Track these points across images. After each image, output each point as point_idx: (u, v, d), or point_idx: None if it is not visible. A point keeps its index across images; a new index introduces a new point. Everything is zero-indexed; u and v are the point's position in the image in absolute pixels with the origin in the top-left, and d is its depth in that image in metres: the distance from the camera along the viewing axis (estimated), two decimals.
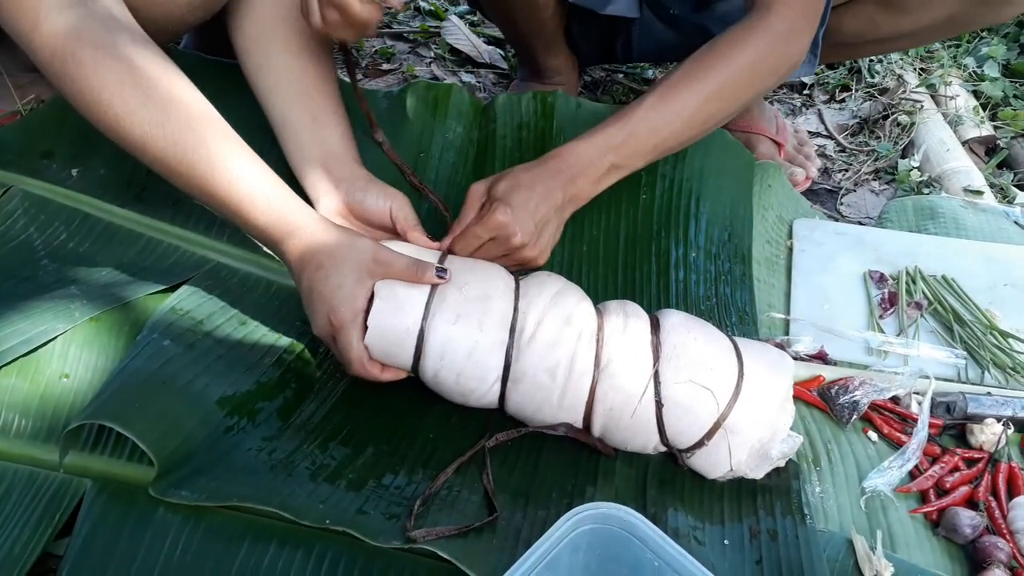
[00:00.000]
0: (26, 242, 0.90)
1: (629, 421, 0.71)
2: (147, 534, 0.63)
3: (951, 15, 1.02)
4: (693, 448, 0.72)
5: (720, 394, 0.70)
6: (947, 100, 1.46)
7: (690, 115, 0.85)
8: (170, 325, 0.77)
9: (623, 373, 0.71)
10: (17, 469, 0.67)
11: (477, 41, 1.58)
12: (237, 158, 0.72)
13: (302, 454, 0.73)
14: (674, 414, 0.70)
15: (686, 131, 0.87)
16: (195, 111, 0.72)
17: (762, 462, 0.72)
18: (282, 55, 0.90)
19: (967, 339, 0.93)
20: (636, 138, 0.84)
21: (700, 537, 0.69)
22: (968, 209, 1.17)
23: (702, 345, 0.73)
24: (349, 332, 0.71)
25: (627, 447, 0.75)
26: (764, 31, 0.85)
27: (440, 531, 0.66)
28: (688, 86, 0.85)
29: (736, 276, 0.97)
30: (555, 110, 1.09)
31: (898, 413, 0.85)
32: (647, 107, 0.85)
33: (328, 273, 0.71)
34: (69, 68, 0.69)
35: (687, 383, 0.70)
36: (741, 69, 0.85)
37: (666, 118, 0.85)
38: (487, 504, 0.70)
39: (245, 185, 0.72)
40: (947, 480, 0.78)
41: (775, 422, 0.71)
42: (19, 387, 0.72)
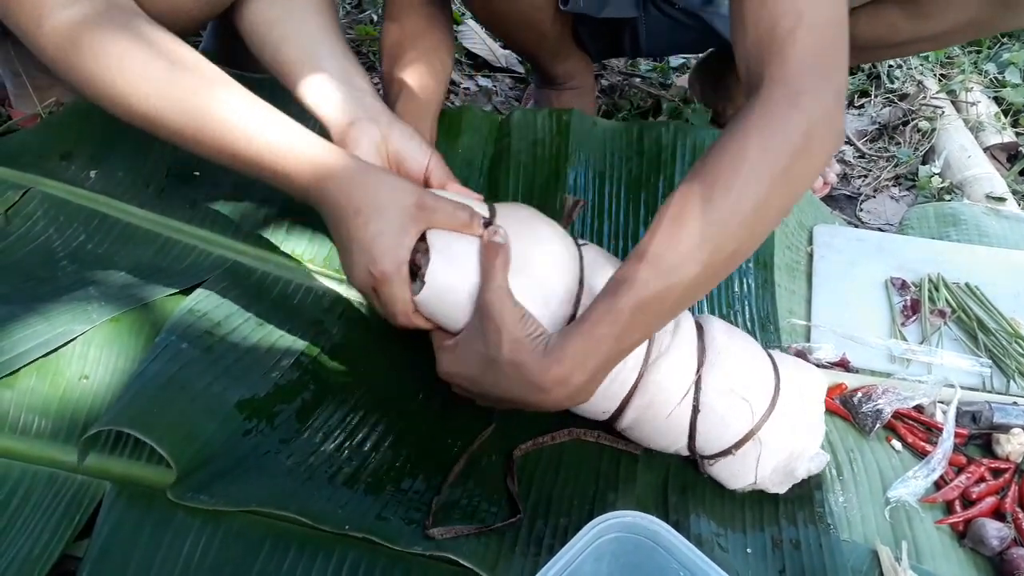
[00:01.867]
0: (45, 243, 0.90)
1: (663, 421, 0.70)
2: (166, 537, 0.63)
3: (972, 19, 1.00)
4: (718, 456, 0.71)
5: (756, 407, 0.69)
6: (968, 106, 1.45)
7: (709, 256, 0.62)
8: (188, 328, 0.77)
9: (669, 373, 0.69)
10: (37, 470, 0.67)
11: (494, 45, 1.57)
12: (257, 111, 0.68)
13: (320, 457, 0.72)
14: (709, 421, 0.69)
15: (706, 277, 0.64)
16: (205, 73, 0.69)
17: (786, 479, 0.71)
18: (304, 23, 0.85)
19: (992, 348, 0.91)
20: (644, 311, 0.62)
21: (723, 544, 0.68)
22: (991, 216, 1.16)
23: (743, 356, 0.71)
24: (393, 284, 0.65)
25: (648, 444, 0.74)
26: (763, 116, 0.64)
27: (459, 530, 0.66)
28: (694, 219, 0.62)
29: (758, 282, 0.96)
30: (570, 128, 1.08)
31: (923, 422, 0.83)
32: (651, 264, 0.62)
33: (368, 219, 0.65)
34: (73, 57, 0.68)
35: (728, 392, 0.69)
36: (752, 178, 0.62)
37: (678, 273, 0.62)
38: (510, 508, 0.69)
39: (270, 135, 0.67)
40: (973, 491, 0.77)
41: (805, 441, 0.70)
42: (39, 388, 0.72)
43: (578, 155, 1.08)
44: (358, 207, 0.65)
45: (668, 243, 0.62)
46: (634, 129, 1.11)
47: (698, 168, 0.65)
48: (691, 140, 1.08)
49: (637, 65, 1.56)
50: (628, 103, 1.43)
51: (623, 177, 1.06)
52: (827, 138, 0.66)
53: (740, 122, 0.65)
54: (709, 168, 0.64)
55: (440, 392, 0.80)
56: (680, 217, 0.63)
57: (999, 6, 0.97)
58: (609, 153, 1.08)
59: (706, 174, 0.64)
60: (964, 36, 1.09)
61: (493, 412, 0.78)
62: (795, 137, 0.64)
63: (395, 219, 0.65)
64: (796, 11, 0.65)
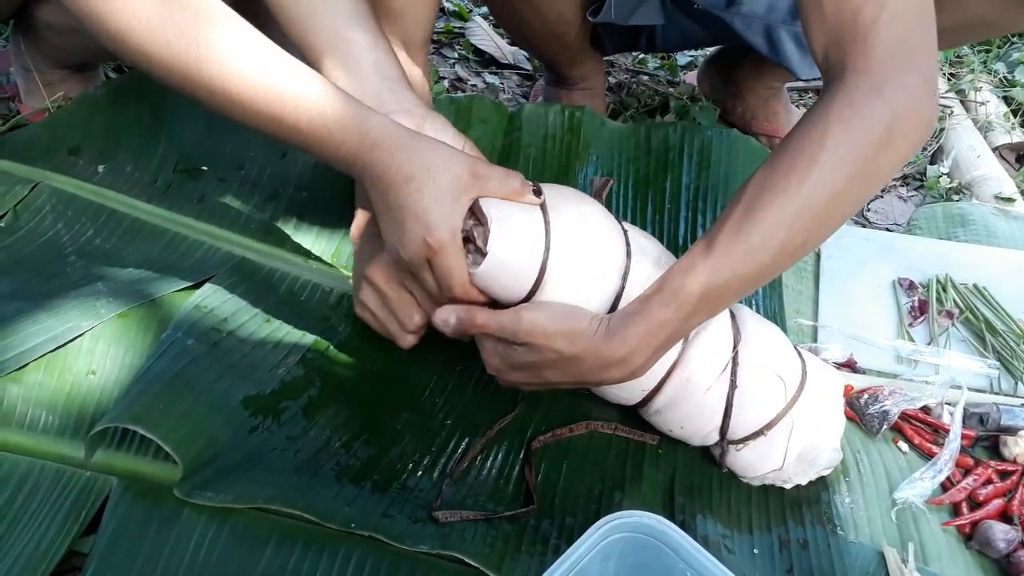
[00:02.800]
0: (54, 238, 0.91)
1: (701, 397, 0.70)
2: (172, 533, 0.63)
3: (983, 16, 0.99)
4: (748, 439, 0.71)
5: (789, 385, 0.71)
6: (977, 106, 1.44)
7: (780, 245, 0.62)
8: (194, 324, 0.77)
9: (707, 348, 0.70)
10: (44, 466, 0.67)
11: (501, 42, 1.57)
12: (301, 76, 0.64)
13: (327, 454, 0.72)
14: (746, 397, 0.70)
15: (776, 266, 0.65)
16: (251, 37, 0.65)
17: (808, 468, 0.72)
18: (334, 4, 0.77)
19: (1000, 349, 0.91)
20: (710, 298, 0.63)
21: (730, 545, 0.68)
22: (999, 216, 1.15)
23: (774, 337, 0.74)
24: (449, 254, 0.64)
25: (681, 427, 0.73)
26: (845, 102, 0.62)
27: (465, 515, 0.67)
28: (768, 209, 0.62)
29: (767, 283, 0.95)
30: (582, 125, 1.08)
31: (929, 423, 0.83)
32: (722, 252, 0.62)
33: (422, 187, 0.63)
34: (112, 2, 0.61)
35: (763, 368, 0.70)
36: (829, 164, 0.61)
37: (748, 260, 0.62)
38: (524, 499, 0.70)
39: (316, 102, 0.63)
40: (980, 493, 0.76)
41: (827, 429, 0.72)
42: (46, 383, 0.73)
43: (588, 153, 1.08)
44: (410, 174, 0.64)
45: (739, 231, 0.62)
46: (642, 130, 1.11)
47: (775, 156, 0.64)
48: (698, 140, 1.08)
49: (645, 63, 1.56)
50: (636, 100, 1.42)
51: (631, 177, 1.06)
52: (912, 130, 0.64)
53: (820, 111, 0.64)
54: (786, 157, 0.63)
55: (448, 389, 0.80)
56: (752, 206, 0.62)
57: (1012, 5, 0.96)
58: (617, 153, 1.08)
59: (783, 163, 0.63)
60: (975, 35, 1.08)
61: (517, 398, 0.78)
62: (877, 129, 0.62)
63: (449, 186, 0.64)
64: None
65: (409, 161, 0.64)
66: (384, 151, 0.64)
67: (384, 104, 0.74)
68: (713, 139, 1.08)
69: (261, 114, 0.64)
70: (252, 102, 0.63)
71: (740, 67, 1.30)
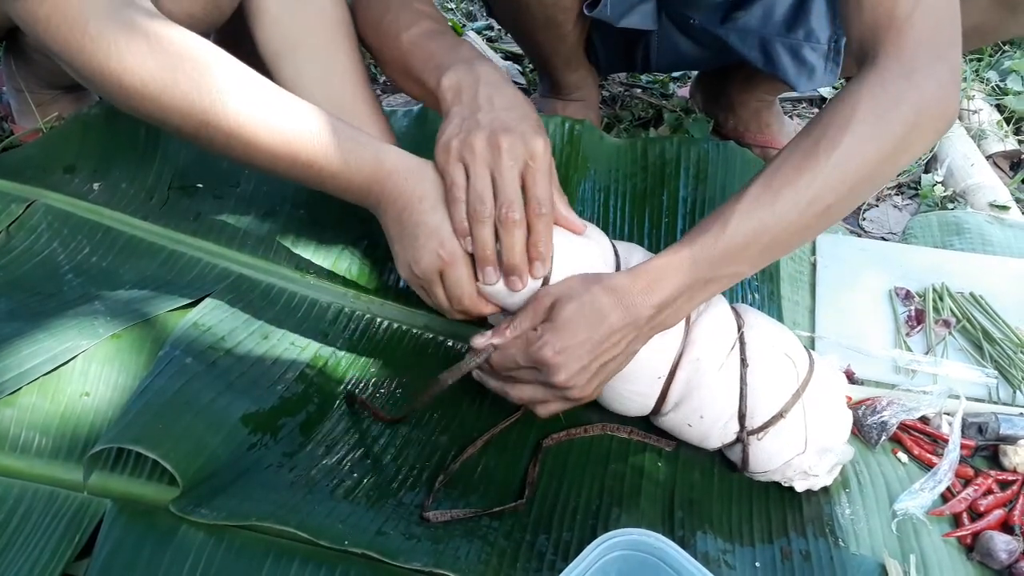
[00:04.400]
0: (50, 257, 0.90)
1: (715, 375, 0.71)
2: (167, 554, 0.62)
3: (977, 24, 0.99)
4: (767, 425, 0.71)
5: (799, 366, 0.73)
6: (970, 114, 1.45)
7: (805, 207, 0.66)
8: (192, 342, 0.77)
9: (713, 328, 0.73)
10: (37, 489, 0.67)
11: (494, 57, 1.58)
12: (311, 117, 0.70)
13: (322, 470, 0.72)
14: (758, 376, 0.72)
15: (802, 227, 0.68)
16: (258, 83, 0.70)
17: (824, 456, 0.72)
18: (312, 65, 0.87)
19: (997, 358, 0.91)
20: (738, 242, 0.66)
21: (730, 561, 0.67)
22: (994, 225, 1.15)
23: (775, 323, 0.77)
24: (461, 266, 0.69)
25: (702, 417, 0.73)
26: (877, 84, 0.66)
27: (456, 514, 0.68)
28: (797, 171, 0.66)
29: (764, 295, 0.95)
30: (582, 139, 1.09)
31: (928, 434, 0.83)
32: (749, 202, 0.66)
33: (434, 204, 0.68)
34: (125, 62, 0.67)
35: (770, 347, 0.73)
36: (857, 139, 0.65)
37: (775, 214, 0.66)
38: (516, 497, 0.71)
39: (326, 138, 0.69)
40: (981, 503, 0.76)
41: (839, 420, 0.74)
42: (40, 405, 0.72)
43: (587, 167, 1.08)
44: (423, 194, 0.69)
45: (767, 186, 0.66)
46: (639, 144, 1.11)
47: (806, 129, 0.68)
48: (694, 153, 1.08)
49: (638, 77, 1.57)
50: (629, 113, 1.43)
51: (628, 192, 1.06)
52: (938, 117, 0.69)
53: (852, 89, 0.67)
54: (817, 128, 0.67)
55: (445, 404, 0.80)
56: (782, 166, 0.67)
57: (1005, 10, 0.97)
58: (614, 168, 1.09)
59: (813, 133, 0.67)
60: (969, 42, 1.08)
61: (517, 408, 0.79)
62: (906, 110, 0.66)
63: None
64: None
65: (421, 182, 0.69)
66: (398, 175, 0.69)
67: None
68: (709, 152, 1.08)
69: (278, 154, 0.69)
70: (269, 143, 0.68)
71: (731, 80, 1.30)
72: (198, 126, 0.68)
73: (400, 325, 0.89)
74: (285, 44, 0.88)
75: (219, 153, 0.71)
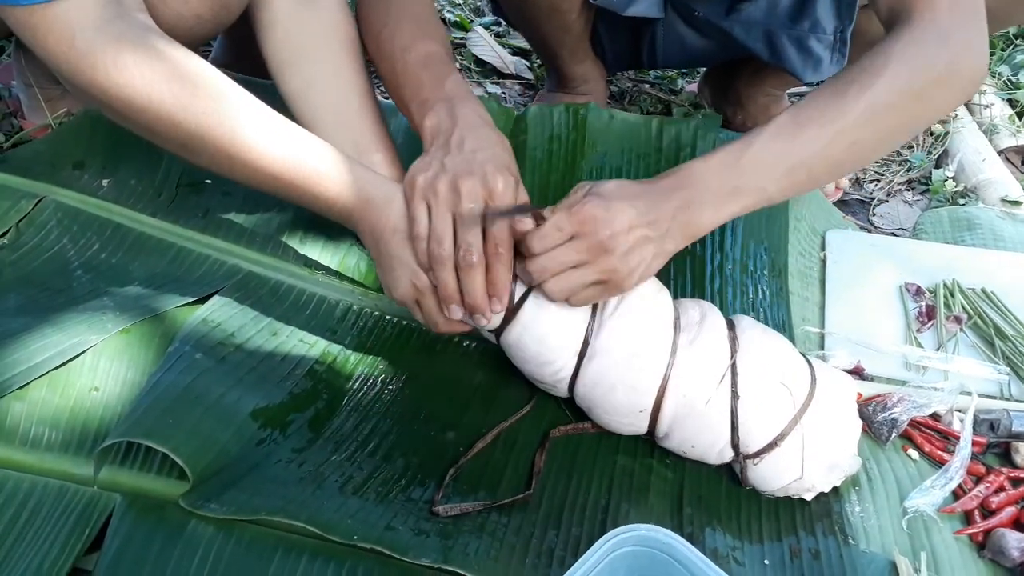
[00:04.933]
0: (60, 253, 0.91)
1: (703, 409, 0.70)
2: (177, 548, 0.63)
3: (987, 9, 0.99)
4: (763, 452, 0.70)
5: (796, 393, 0.70)
6: (981, 109, 1.44)
7: (830, 139, 0.69)
8: (202, 338, 0.77)
9: (700, 360, 0.71)
10: (47, 483, 0.67)
11: (503, 52, 1.57)
12: (295, 139, 0.72)
13: (331, 466, 0.72)
14: (750, 408, 0.70)
15: (826, 157, 0.70)
16: (243, 100, 0.72)
17: (829, 473, 0.71)
18: (319, 79, 0.89)
19: (1009, 354, 0.90)
20: (763, 158, 0.69)
21: (739, 558, 0.67)
22: (1006, 220, 1.14)
23: (778, 346, 0.73)
24: (432, 296, 0.71)
25: (693, 446, 0.73)
26: (909, 39, 0.70)
27: (465, 507, 0.68)
28: (825, 105, 0.69)
29: (773, 291, 0.95)
30: (587, 122, 1.08)
31: (939, 431, 0.82)
32: (777, 126, 0.70)
33: (406, 236, 0.71)
34: (112, 77, 0.69)
35: (764, 377, 0.70)
36: (889, 81, 0.68)
37: (800, 140, 0.69)
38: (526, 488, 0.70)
39: (309, 163, 0.71)
40: (992, 500, 0.75)
41: (844, 435, 0.72)
42: (49, 400, 0.72)
43: (595, 149, 1.07)
44: (395, 226, 0.71)
45: (793, 118, 0.69)
46: (652, 123, 1.09)
47: (835, 76, 0.71)
48: (711, 137, 1.07)
49: (646, 72, 1.56)
50: (638, 108, 1.42)
51: (640, 173, 1.05)
52: (967, 78, 0.72)
53: (886, 44, 0.70)
54: (850, 73, 0.70)
55: (453, 399, 0.80)
56: (811, 103, 0.69)
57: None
58: (627, 149, 1.07)
59: (844, 77, 0.70)
60: None
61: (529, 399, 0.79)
62: (940, 66, 0.70)
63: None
64: None
65: (396, 214, 0.71)
66: (374, 206, 0.72)
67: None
68: (725, 140, 1.07)
69: (281, 180, 0.72)
70: (271, 169, 0.71)
71: (739, 75, 1.30)
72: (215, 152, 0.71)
73: (409, 322, 0.89)
74: (294, 55, 0.89)
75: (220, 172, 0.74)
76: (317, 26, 0.90)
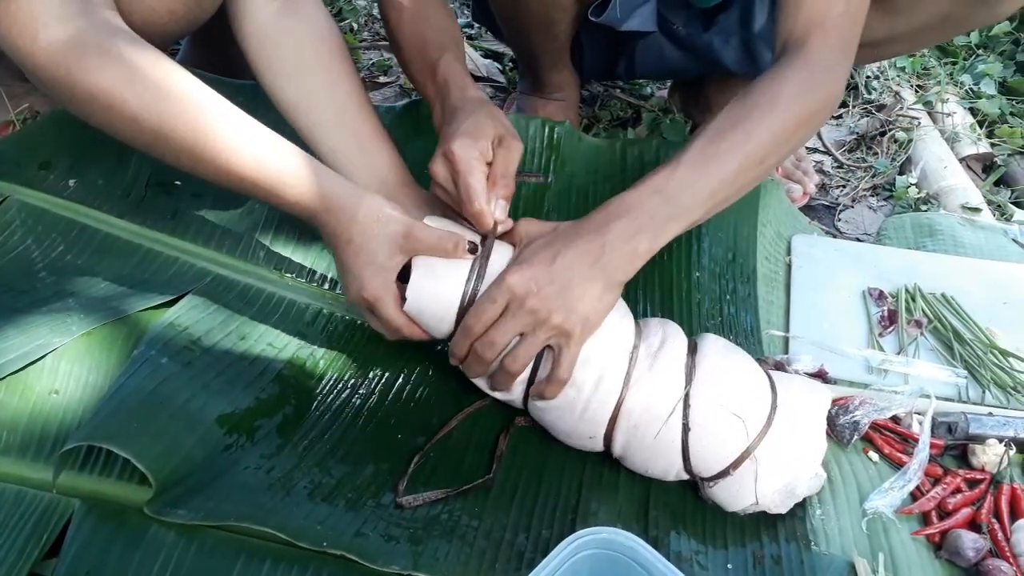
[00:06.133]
0: (23, 254, 0.89)
1: (652, 442, 0.70)
2: (137, 554, 0.62)
3: (945, 14, 1.01)
4: (717, 478, 0.70)
5: (751, 424, 0.69)
6: (944, 117, 1.47)
7: (740, 162, 0.74)
8: (168, 342, 0.76)
9: (652, 392, 0.70)
10: (4, 488, 0.66)
11: (475, 55, 1.58)
12: (259, 141, 0.73)
13: (300, 472, 0.72)
14: (701, 440, 0.69)
15: (738, 178, 0.75)
16: (207, 101, 0.72)
17: (787, 499, 0.71)
18: (316, 88, 0.90)
19: (967, 358, 0.92)
20: (686, 186, 0.73)
21: (703, 562, 0.68)
22: (966, 227, 1.17)
23: (737, 373, 0.72)
24: (384, 305, 0.73)
25: (647, 471, 0.73)
26: (803, 68, 0.79)
27: (427, 496, 0.69)
28: (733, 129, 0.75)
29: (741, 296, 0.96)
30: (561, 141, 1.10)
31: (899, 433, 0.84)
32: (693, 153, 0.74)
33: (358, 249, 0.72)
34: (75, 75, 0.68)
35: (717, 408, 0.69)
36: (785, 109, 0.77)
37: (716, 166, 0.74)
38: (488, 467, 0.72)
39: (272, 164, 0.72)
40: (949, 502, 0.77)
41: (804, 459, 0.70)
42: (7, 403, 0.71)
43: (564, 170, 1.09)
44: (349, 238, 0.72)
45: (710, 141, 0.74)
46: (617, 146, 1.12)
47: (738, 100, 0.78)
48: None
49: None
50: (608, 113, 1.43)
51: (607, 193, 1.05)
52: (836, 103, 0.84)
53: (780, 72, 0.79)
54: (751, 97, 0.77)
55: (423, 405, 0.80)
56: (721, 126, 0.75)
57: (971, 1, 0.98)
58: (592, 170, 1.09)
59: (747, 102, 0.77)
60: (938, 34, 1.09)
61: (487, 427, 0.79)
62: (820, 96, 0.80)
63: (383, 248, 0.72)
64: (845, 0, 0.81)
65: (350, 226, 0.72)
66: (331, 214, 0.73)
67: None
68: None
69: (246, 180, 0.72)
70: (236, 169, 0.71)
71: (709, 83, 1.32)
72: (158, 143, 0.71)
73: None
74: (288, 67, 0.90)
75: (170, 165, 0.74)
76: (305, 35, 0.91)
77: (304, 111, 0.90)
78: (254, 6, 0.90)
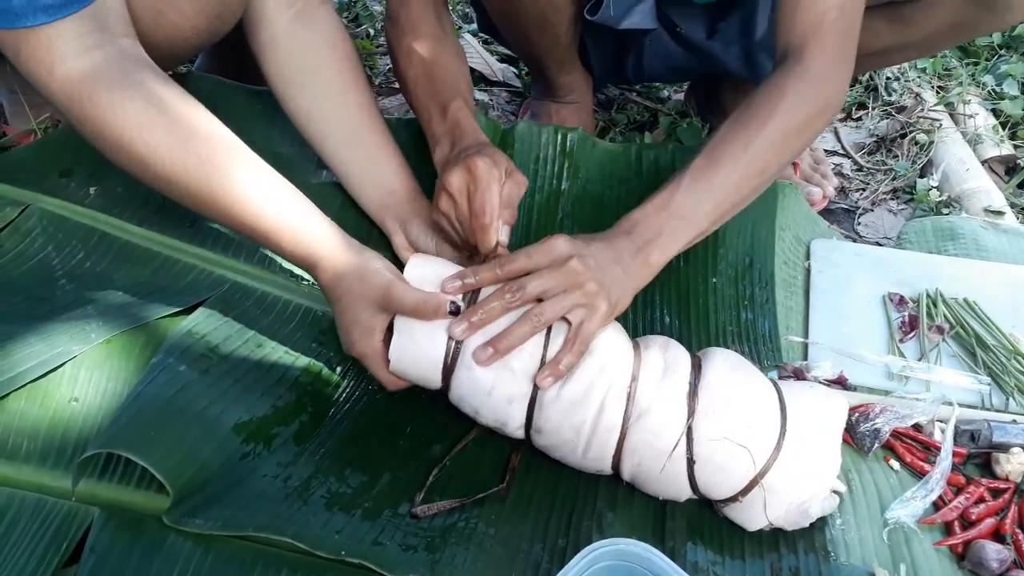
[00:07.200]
0: (44, 261, 0.90)
1: (658, 476, 0.69)
2: (155, 563, 0.62)
3: (954, 22, 1.01)
4: (727, 502, 0.70)
5: (758, 452, 0.67)
6: (966, 119, 1.45)
7: (742, 172, 0.79)
8: (186, 350, 0.77)
9: (654, 429, 0.68)
10: (25, 496, 0.67)
11: (490, 59, 1.58)
12: (262, 189, 0.73)
13: (318, 481, 0.72)
14: (706, 472, 0.68)
15: (741, 188, 0.80)
16: (217, 143, 0.72)
17: (801, 518, 0.70)
18: (327, 97, 0.91)
19: (991, 364, 0.91)
20: (690, 199, 0.77)
21: (720, 573, 0.67)
22: (989, 230, 1.15)
23: (742, 397, 0.69)
24: (371, 363, 0.74)
25: (660, 497, 0.73)
26: (800, 76, 0.82)
27: (442, 505, 0.70)
28: (733, 140, 0.79)
29: (759, 302, 0.95)
30: (575, 147, 1.10)
31: (921, 441, 0.83)
32: (695, 169, 0.78)
33: (344, 307, 0.73)
34: (87, 110, 0.70)
35: (722, 440, 0.67)
36: (783, 119, 0.80)
37: (718, 178, 0.78)
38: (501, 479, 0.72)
39: (271, 216, 0.73)
40: (972, 511, 0.76)
41: (816, 480, 0.69)
42: (28, 411, 0.72)
43: (578, 176, 1.08)
44: (336, 297, 0.74)
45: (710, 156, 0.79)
46: (632, 150, 1.11)
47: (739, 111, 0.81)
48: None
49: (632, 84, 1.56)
50: (625, 117, 1.43)
51: (622, 198, 1.06)
52: (836, 107, 0.86)
53: (779, 80, 0.82)
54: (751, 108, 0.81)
55: (438, 414, 0.80)
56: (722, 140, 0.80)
57: (980, 8, 0.97)
58: (608, 175, 1.09)
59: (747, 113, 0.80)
60: (949, 40, 1.10)
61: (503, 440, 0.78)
62: (819, 104, 0.82)
63: (366, 308, 0.72)
64: (839, 5, 0.83)
65: (337, 283, 0.73)
66: (323, 271, 0.74)
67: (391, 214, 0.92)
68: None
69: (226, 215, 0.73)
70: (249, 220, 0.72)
71: (723, 87, 1.31)
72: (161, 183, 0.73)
73: None
74: (299, 74, 0.92)
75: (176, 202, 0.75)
76: (318, 45, 0.92)
77: (315, 120, 0.91)
78: (268, 15, 0.91)
